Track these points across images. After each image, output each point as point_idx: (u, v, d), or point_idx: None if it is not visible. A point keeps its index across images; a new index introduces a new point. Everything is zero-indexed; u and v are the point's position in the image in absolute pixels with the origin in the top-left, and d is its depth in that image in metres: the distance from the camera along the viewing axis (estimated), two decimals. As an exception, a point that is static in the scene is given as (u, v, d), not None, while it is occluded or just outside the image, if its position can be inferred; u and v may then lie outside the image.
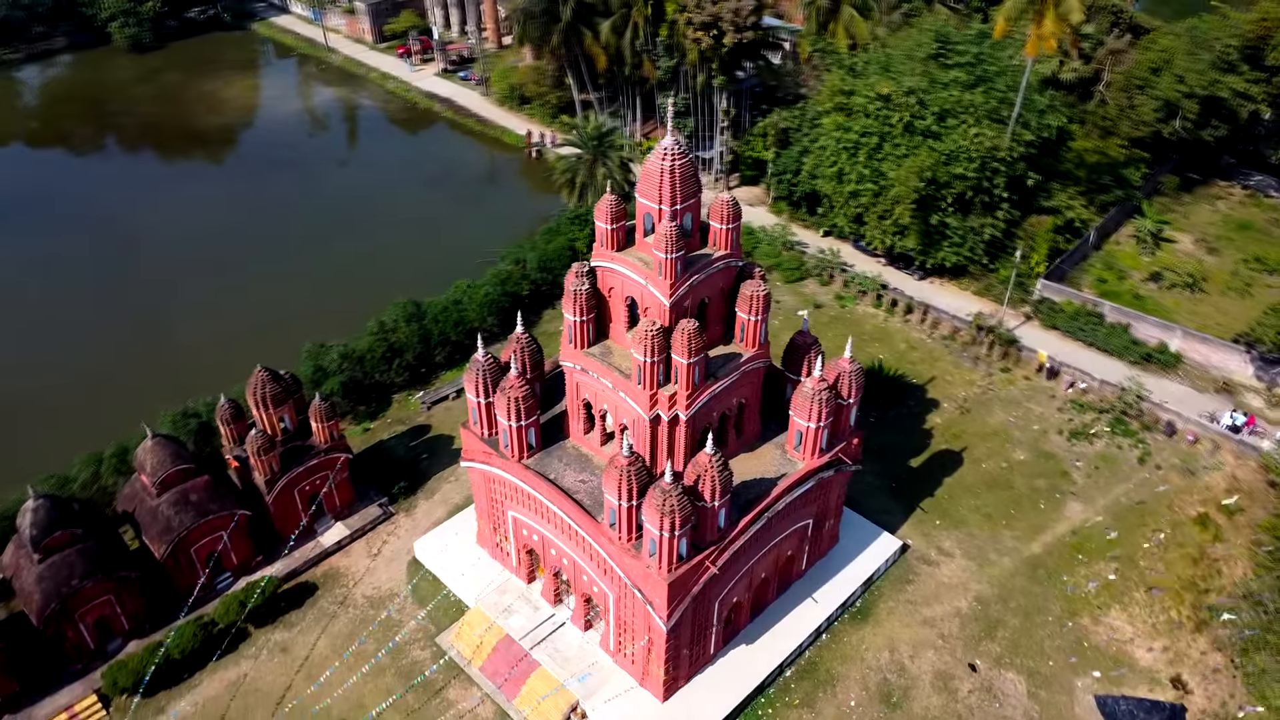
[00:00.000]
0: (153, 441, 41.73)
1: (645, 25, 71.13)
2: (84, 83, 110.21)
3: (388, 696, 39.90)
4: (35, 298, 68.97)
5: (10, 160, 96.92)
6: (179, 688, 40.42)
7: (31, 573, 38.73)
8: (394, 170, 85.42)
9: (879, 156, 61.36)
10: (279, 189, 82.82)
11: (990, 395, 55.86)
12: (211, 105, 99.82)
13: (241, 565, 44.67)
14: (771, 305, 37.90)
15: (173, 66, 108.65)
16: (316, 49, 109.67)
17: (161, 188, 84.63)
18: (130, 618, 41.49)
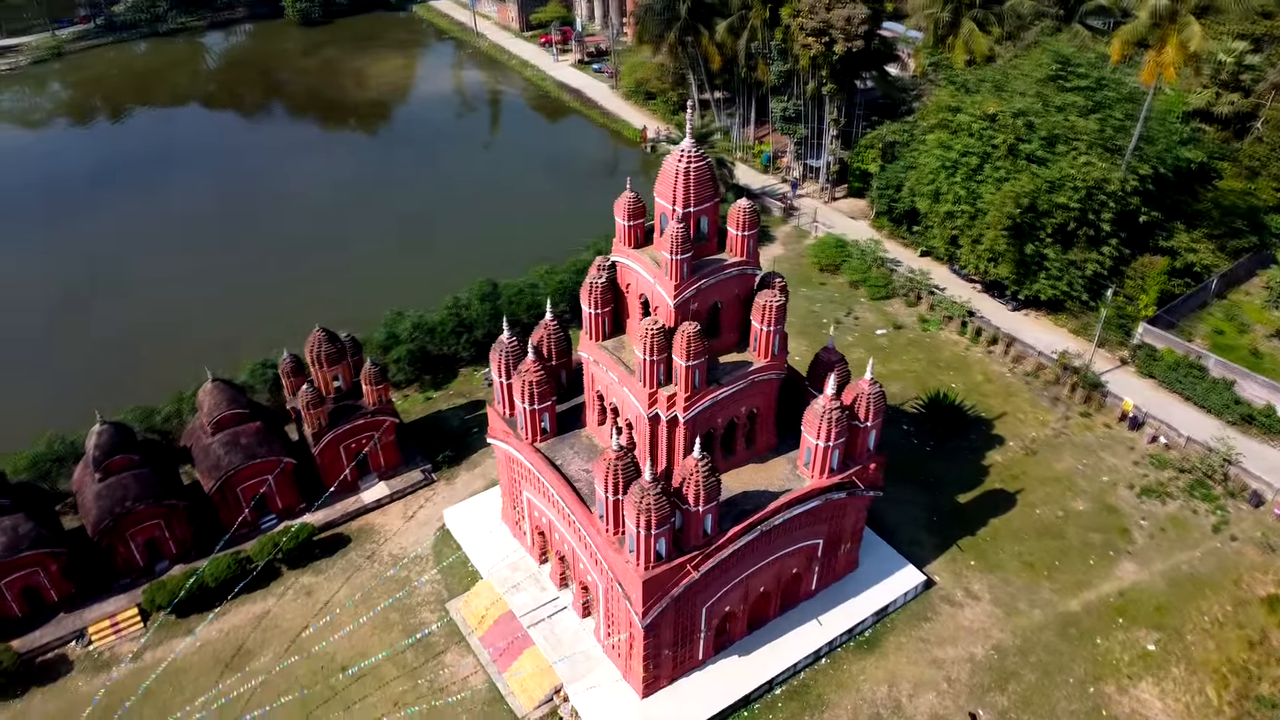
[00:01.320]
0: (212, 384, 45.22)
1: (762, 28, 70.53)
2: (257, 51, 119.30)
3: (389, 648, 41.90)
4: (180, 242, 75.70)
5: (187, 118, 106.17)
6: (209, 611, 43.74)
7: (91, 490, 42.80)
8: (519, 155, 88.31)
9: (978, 178, 58.77)
10: (415, 164, 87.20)
11: (1063, 439, 52.69)
12: (361, 80, 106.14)
13: (285, 510, 47.71)
14: (839, 323, 37.26)
15: (335, 41, 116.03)
16: (467, 33, 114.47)
17: (314, 153, 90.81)
18: (178, 543, 45.16)
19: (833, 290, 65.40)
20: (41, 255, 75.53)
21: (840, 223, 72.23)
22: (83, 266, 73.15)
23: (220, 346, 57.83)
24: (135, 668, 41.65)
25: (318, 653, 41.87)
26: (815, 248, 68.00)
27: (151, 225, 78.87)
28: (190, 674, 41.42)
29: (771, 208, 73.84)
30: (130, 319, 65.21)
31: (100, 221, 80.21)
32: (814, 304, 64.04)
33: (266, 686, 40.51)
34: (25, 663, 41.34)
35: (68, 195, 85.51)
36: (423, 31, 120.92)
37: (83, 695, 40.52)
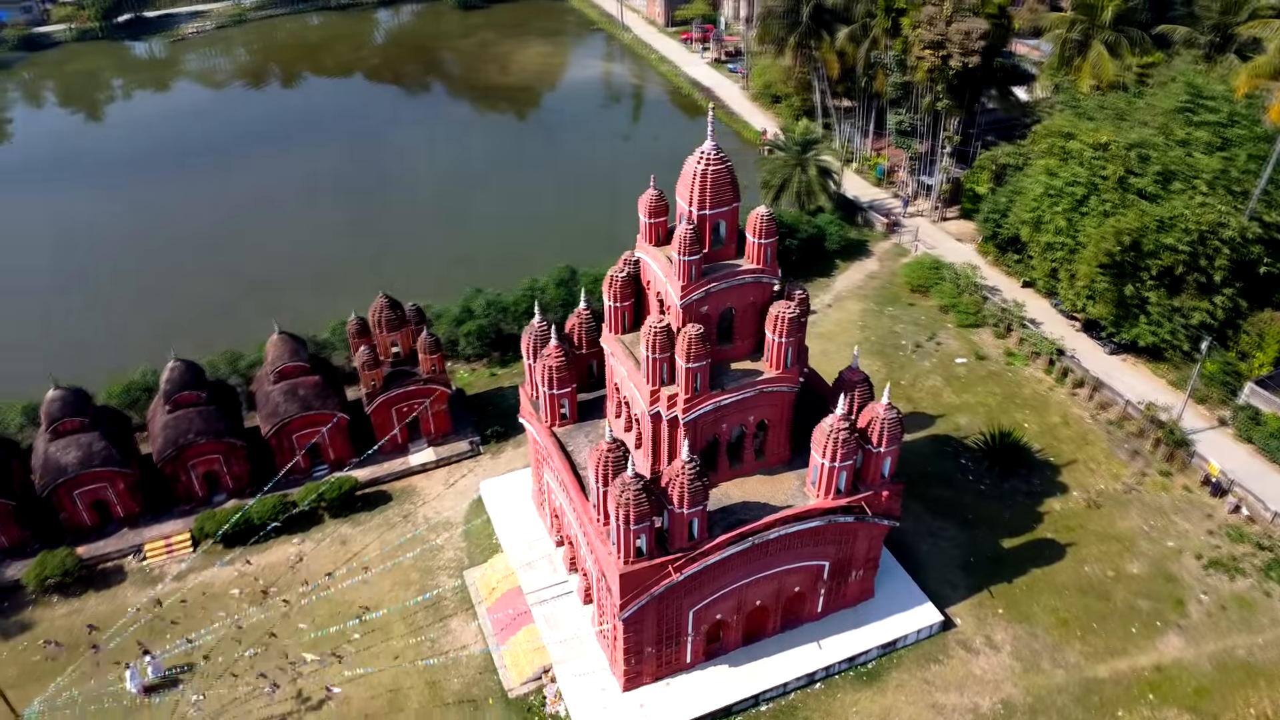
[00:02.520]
0: (278, 336, 48.37)
1: (884, 38, 68.61)
2: (418, 31, 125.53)
3: (402, 604, 43.83)
4: (310, 201, 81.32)
5: (349, 88, 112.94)
6: (250, 547, 46.95)
7: (160, 420, 46.70)
8: (649, 149, 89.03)
9: (1082, 209, 55.31)
10: (549, 149, 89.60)
11: (1133, 496, 49.07)
12: (505, 66, 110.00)
13: (336, 462, 50.48)
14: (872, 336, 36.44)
15: (490, 26, 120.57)
16: (612, 25, 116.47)
17: (458, 130, 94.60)
18: (234, 479, 48.64)
19: (920, 312, 63.08)
20: (200, 198, 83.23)
21: (945, 244, 69.51)
22: (230, 212, 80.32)
23: (315, 301, 61.72)
24: (176, 586, 45.32)
25: (337, 597, 44.31)
26: (909, 267, 65.76)
27: (292, 183, 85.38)
28: (221, 599, 44.70)
29: (875, 222, 71.82)
30: (251, 266, 70.86)
31: (253, 175, 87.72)
32: (897, 324, 62.02)
33: (284, 621, 43.24)
34: (87, 567, 45.70)
35: (233, 149, 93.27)
36: (572, 21, 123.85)
37: (129, 603, 44.43)
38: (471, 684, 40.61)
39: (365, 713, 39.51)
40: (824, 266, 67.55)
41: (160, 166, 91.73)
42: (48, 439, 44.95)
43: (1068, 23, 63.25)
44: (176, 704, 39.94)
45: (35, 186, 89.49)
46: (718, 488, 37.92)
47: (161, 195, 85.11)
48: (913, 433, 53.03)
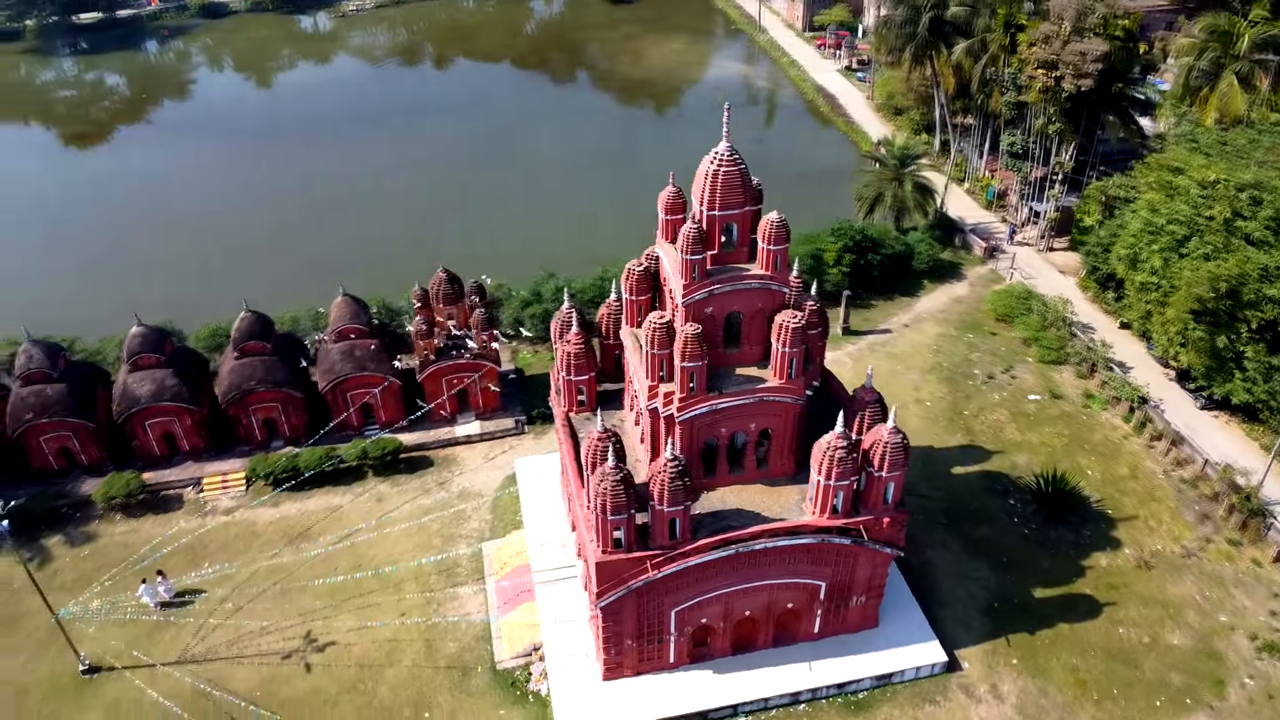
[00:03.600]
0: (341, 298, 51.06)
1: (1002, 54, 65.59)
2: (566, 21, 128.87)
3: (413, 559, 45.67)
4: (431, 174, 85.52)
5: (495, 73, 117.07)
6: (297, 492, 49.84)
7: (228, 366, 50.19)
8: (749, 150, 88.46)
9: (1182, 250, 51.41)
10: (667, 145, 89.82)
11: (1192, 562, 45.40)
12: (637, 59, 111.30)
13: (387, 423, 52.84)
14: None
15: (633, 20, 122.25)
16: (751, 26, 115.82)
17: (594, 121, 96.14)
18: (291, 427, 51.72)
19: (1001, 343, 60.18)
20: (337, 165, 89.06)
21: (1046, 275, 65.92)
22: (357, 179, 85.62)
23: (408, 267, 64.27)
24: (224, 520, 48.72)
25: (362, 550, 46.58)
26: (997, 294, 62.81)
27: (422, 156, 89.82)
28: (262, 538, 47.73)
29: (973, 245, 68.88)
30: (362, 230, 75.47)
31: (390, 146, 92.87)
32: (974, 352, 59.39)
33: (310, 565, 45.78)
34: (150, 492, 49.70)
35: (377, 122, 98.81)
36: (712, 19, 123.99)
37: (181, 530, 48.06)
38: (466, 650, 41.85)
39: (363, 662, 41.42)
40: (909, 286, 65.38)
41: (310, 132, 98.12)
42: (127, 371, 49.12)
43: (1196, 49, 58.65)
44: (188, 623, 43.04)
45: (205, 141, 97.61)
46: (714, 492, 37.69)
47: (306, 159, 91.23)
48: (964, 465, 50.97)
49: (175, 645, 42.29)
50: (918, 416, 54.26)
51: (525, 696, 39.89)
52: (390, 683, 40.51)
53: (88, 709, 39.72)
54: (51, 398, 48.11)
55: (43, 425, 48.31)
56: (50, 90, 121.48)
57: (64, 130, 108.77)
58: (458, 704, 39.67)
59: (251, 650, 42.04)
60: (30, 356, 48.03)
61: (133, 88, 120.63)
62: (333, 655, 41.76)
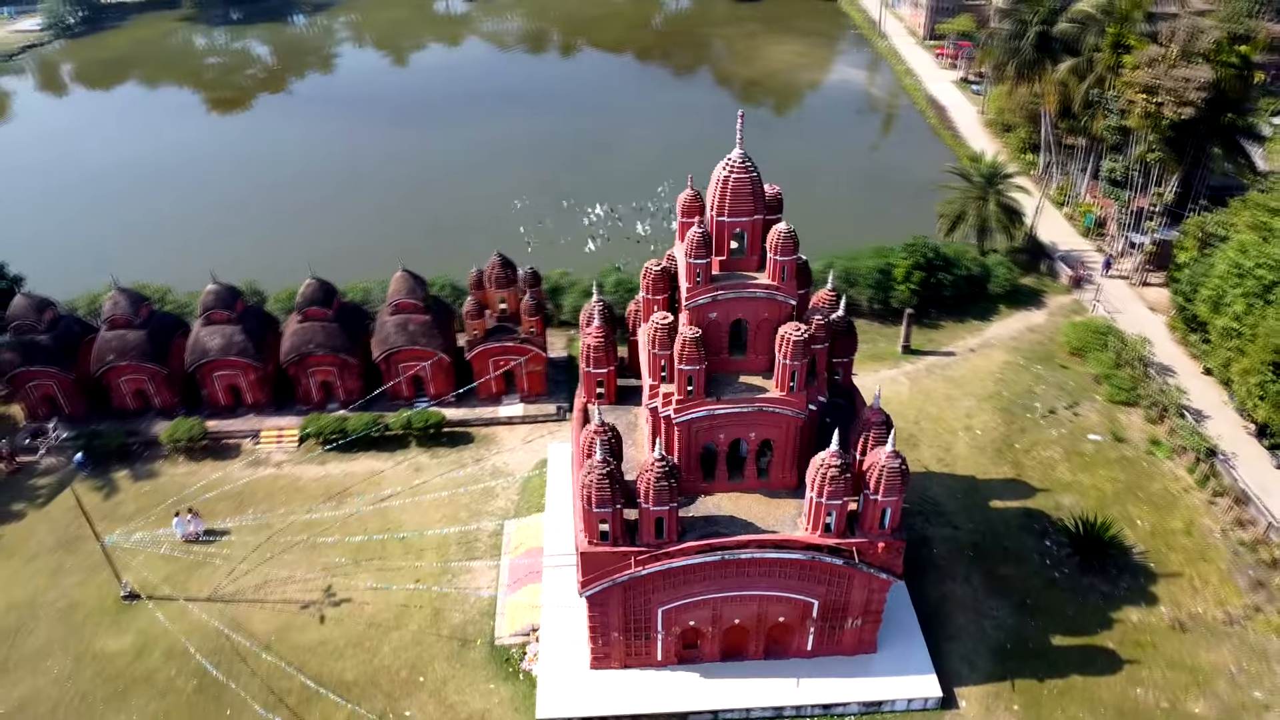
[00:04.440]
0: (400, 273, 53.19)
1: (1109, 74, 62.32)
2: (692, 16, 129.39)
3: (441, 529, 47.47)
4: (528, 158, 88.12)
5: (617, 64, 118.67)
6: (344, 453, 52.39)
7: (290, 328, 53.12)
8: (865, 158, 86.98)
9: (1269, 297, 47.95)
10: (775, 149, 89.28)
11: (1234, 630, 42.47)
12: (749, 58, 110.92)
13: (436, 396, 54.86)
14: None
15: (755, 18, 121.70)
16: (872, 31, 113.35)
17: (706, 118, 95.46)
18: (346, 391, 54.35)
19: (1070, 377, 57.46)
20: (453, 143, 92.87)
21: (1133, 311, 62.46)
22: (467, 158, 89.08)
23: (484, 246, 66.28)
24: (273, 472, 51.75)
25: (391, 514, 48.69)
26: (1073, 326, 59.92)
27: (534, 140, 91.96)
28: (304, 493, 50.46)
29: (1060, 273, 65.86)
30: (456, 206, 78.37)
31: (503, 128, 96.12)
32: (1040, 384, 56.93)
33: (342, 522, 48.16)
34: (212, 439, 53.20)
35: (497, 104, 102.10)
36: (833, 22, 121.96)
37: (237, 477, 51.31)
38: (469, 622, 43.24)
39: (372, 621, 43.36)
40: (982, 309, 63.13)
41: (433, 112, 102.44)
42: (200, 325, 52.69)
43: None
44: (222, 565, 45.96)
45: (336, 114, 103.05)
46: (712, 497, 37.77)
47: (426, 136, 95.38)
48: (1004, 500, 49.12)
49: (209, 583, 45.32)
50: (965, 445, 52.56)
51: (516, 674, 40.96)
52: (393, 644, 42.30)
53: (123, 632, 43.08)
54: (131, 342, 52.12)
55: (122, 367, 52.42)
56: (201, 57, 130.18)
57: (210, 95, 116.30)
58: (451, 673, 41.09)
59: (275, 596, 44.64)
60: (116, 303, 52.14)
61: (277, 59, 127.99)
62: (346, 611, 43.88)
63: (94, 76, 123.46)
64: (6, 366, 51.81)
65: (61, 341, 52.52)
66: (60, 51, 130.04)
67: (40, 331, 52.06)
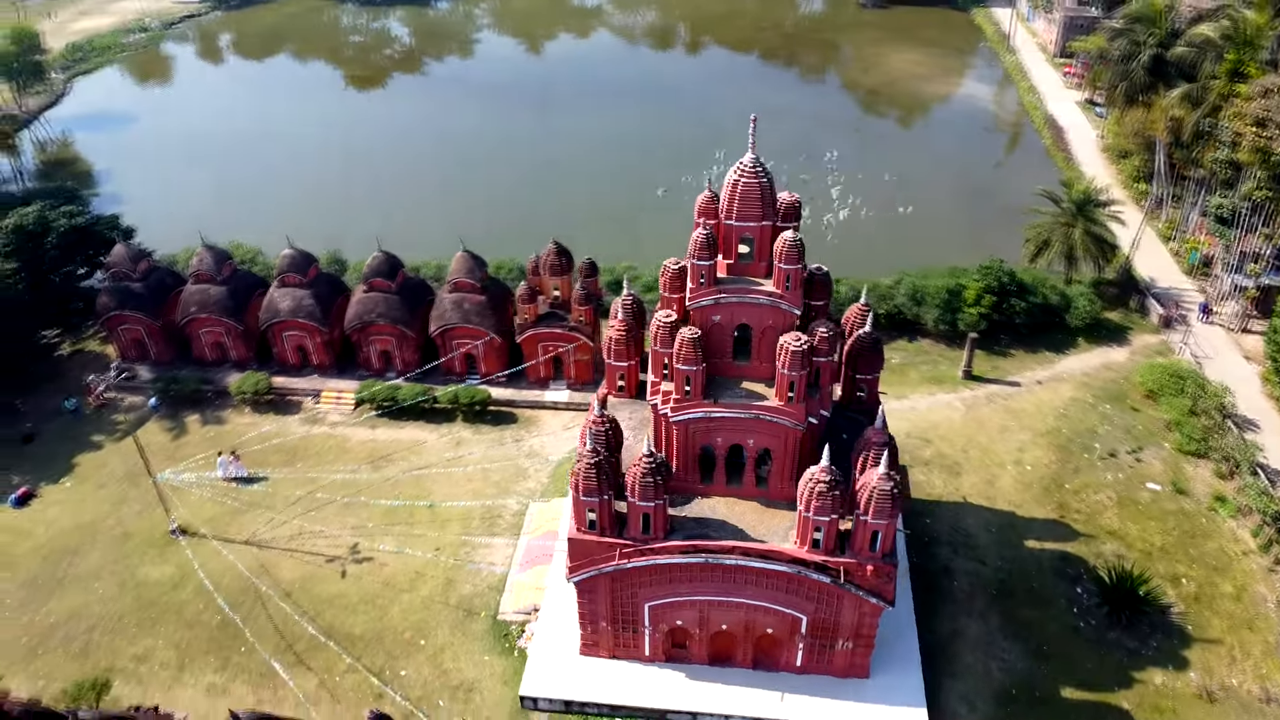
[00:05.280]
0: (461, 253, 55.01)
1: (1223, 104, 58.31)
2: (820, 20, 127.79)
3: (468, 501, 49.17)
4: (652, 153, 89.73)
5: (741, 64, 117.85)
6: (393, 420, 54.77)
7: (355, 297, 55.78)
8: (984, 175, 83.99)
9: (1360, 355, 44.10)
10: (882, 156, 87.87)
11: (1270, 709, 39.38)
12: (869, 65, 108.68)
13: (486, 374, 56.52)
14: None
15: (881, 25, 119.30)
16: (1001, 45, 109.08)
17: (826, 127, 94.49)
18: (404, 362, 56.69)
19: (1140, 421, 54.22)
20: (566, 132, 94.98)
21: (1226, 358, 58.32)
22: (573, 148, 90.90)
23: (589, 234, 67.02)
24: (326, 431, 54.64)
25: (425, 483, 50.67)
26: (1150, 368, 56.47)
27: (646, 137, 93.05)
28: (350, 454, 53.03)
29: (1150, 310, 62.12)
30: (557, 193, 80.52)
31: (614, 121, 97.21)
32: (1104, 425, 53.98)
33: (379, 485, 50.41)
34: (276, 394, 56.49)
35: (612, 97, 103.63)
36: (962, 34, 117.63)
37: (293, 432, 54.35)
38: (477, 595, 44.63)
39: (389, 582, 45.34)
40: (1058, 341, 60.24)
41: (557, 100, 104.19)
42: (275, 286, 55.95)
43: None
44: (263, 513, 48.81)
45: (463, 96, 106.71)
46: (708, 499, 37.76)
47: (544, 124, 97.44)
48: (1041, 540, 47.01)
49: (248, 528, 48.30)
50: (1011, 479, 50.49)
51: (511, 650, 42.07)
52: (403, 606, 44.13)
53: (165, 563, 46.47)
54: (212, 297, 55.87)
55: (202, 319, 56.29)
56: (344, 35, 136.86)
57: (348, 72, 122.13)
58: (451, 640, 42.56)
59: (304, 548, 47.21)
60: (201, 259, 56.00)
61: (415, 40, 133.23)
62: (366, 569, 46.00)
63: (246, 47, 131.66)
64: (102, 309, 56.44)
65: (153, 290, 56.77)
66: (217, 22, 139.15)
67: (134, 280, 56.42)
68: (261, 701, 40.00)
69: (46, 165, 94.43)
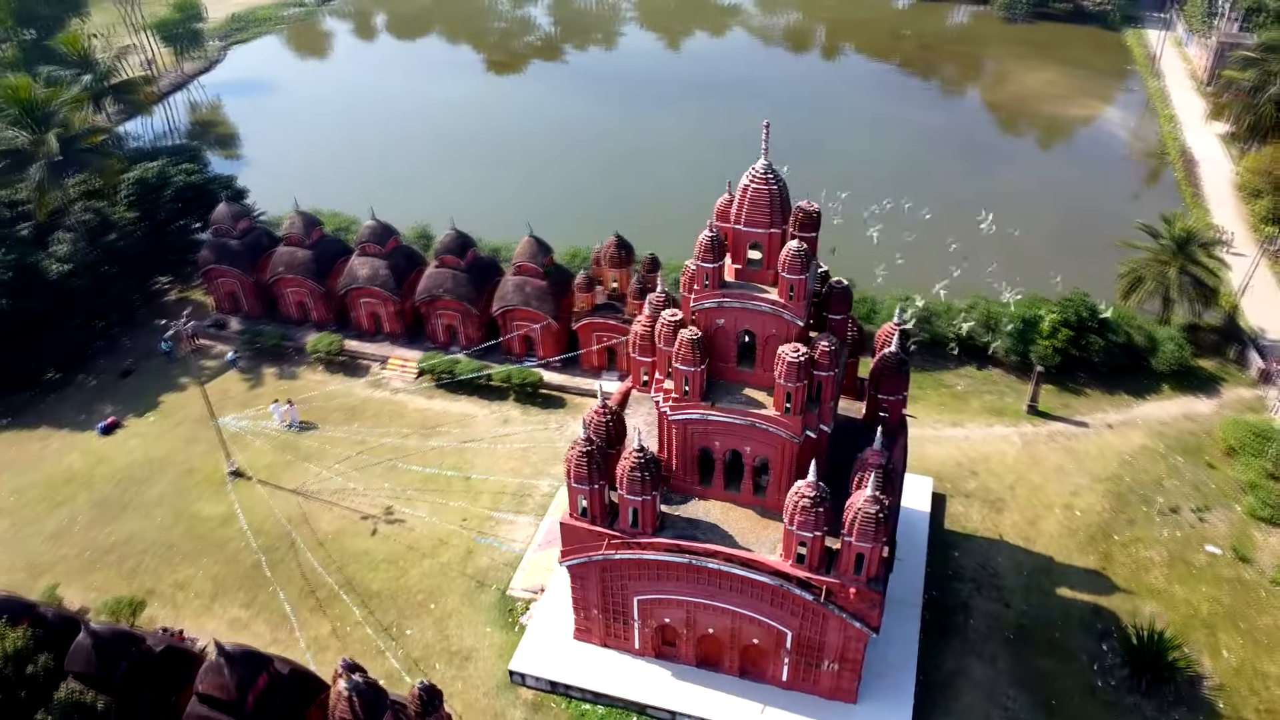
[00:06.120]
0: (527, 238, 56.52)
1: (1357, 147, 53.53)
2: (961, 32, 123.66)
3: (503, 478, 50.84)
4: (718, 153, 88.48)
5: (877, 73, 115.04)
6: (450, 392, 56.95)
7: (427, 272, 58.29)
8: (1063, 201, 79.98)
9: None
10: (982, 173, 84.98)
11: (1293, 801, 36.51)
12: (998, 81, 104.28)
13: (543, 358, 57.98)
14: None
15: (1023, 41, 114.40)
16: (1147, 70, 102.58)
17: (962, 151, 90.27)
18: (467, 338, 58.86)
19: (1212, 478, 50.53)
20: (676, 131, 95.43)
21: (1331, 422, 53.71)
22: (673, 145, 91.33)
23: None
24: (386, 396, 57.44)
25: (468, 455, 52.58)
26: (1236, 423, 52.44)
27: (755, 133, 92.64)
28: (404, 420, 55.62)
29: (1251, 363, 57.67)
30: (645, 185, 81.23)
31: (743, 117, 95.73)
32: (1171, 479, 50.61)
33: (422, 453, 52.70)
34: (348, 356, 59.73)
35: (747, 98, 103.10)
36: (1108, 55, 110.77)
37: (357, 394, 57.51)
38: (492, 569, 46.13)
39: (413, 545, 47.42)
40: (1139, 384, 56.76)
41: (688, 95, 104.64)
42: (356, 255, 59.06)
43: None
44: (312, 467, 51.76)
45: (597, 87, 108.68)
46: (706, 502, 37.95)
47: (669, 118, 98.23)
48: (1074, 590, 44.74)
49: (297, 478, 51.40)
50: (1057, 522, 48.15)
51: (513, 625, 43.34)
52: (422, 570, 46.09)
53: (218, 502, 50.05)
54: (299, 259, 59.49)
55: (288, 279, 60.03)
56: (489, 20, 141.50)
57: (490, 57, 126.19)
58: (458, 608, 44.21)
59: (343, 503, 49.88)
60: (293, 223, 59.73)
61: (558, 29, 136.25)
62: (395, 531, 48.23)
63: (396, 27, 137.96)
64: (202, 262, 61.02)
65: (248, 248, 60.90)
66: (372, 0, 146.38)
67: (233, 237, 60.66)
68: (278, 640, 42.68)
69: (197, 125, 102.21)
